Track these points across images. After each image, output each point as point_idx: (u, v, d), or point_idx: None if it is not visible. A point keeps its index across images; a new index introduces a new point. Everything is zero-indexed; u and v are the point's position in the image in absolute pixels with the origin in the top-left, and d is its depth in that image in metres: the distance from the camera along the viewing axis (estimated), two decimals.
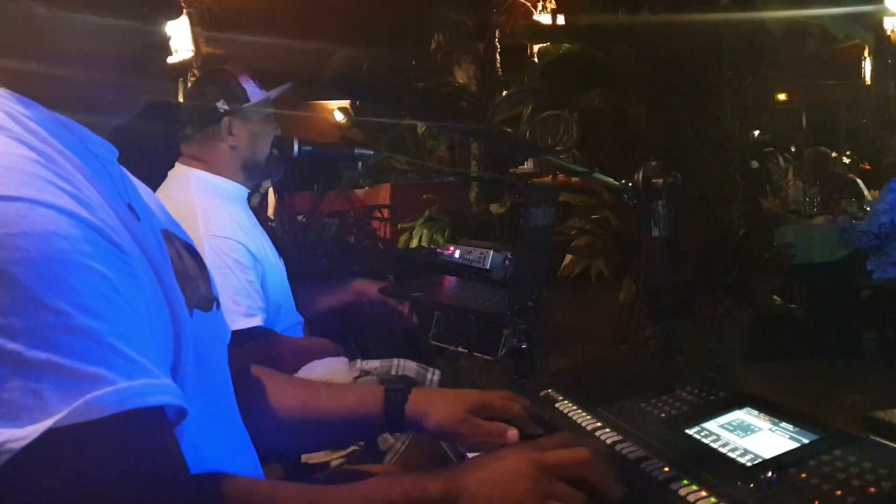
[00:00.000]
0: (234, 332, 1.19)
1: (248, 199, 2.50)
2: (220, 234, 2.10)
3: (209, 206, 2.15)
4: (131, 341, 0.76)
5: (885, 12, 8.28)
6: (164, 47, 0.96)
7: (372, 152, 2.35)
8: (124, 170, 1.04)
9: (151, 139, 2.22)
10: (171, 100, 2.28)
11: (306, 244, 4.07)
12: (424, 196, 6.33)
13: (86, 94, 0.92)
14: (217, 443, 0.98)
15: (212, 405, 0.98)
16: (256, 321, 2.12)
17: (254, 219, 2.36)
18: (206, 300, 1.03)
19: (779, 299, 5.04)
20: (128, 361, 0.74)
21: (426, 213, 6.04)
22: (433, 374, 2.24)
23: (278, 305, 2.29)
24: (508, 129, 1.43)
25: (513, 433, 1.26)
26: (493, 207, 6.08)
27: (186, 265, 1.02)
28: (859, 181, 7.67)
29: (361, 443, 1.92)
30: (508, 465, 0.94)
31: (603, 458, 1.01)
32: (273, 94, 2.35)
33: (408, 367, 2.26)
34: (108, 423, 0.71)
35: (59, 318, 0.71)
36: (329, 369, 2.15)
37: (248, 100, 2.28)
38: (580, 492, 0.95)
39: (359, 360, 2.32)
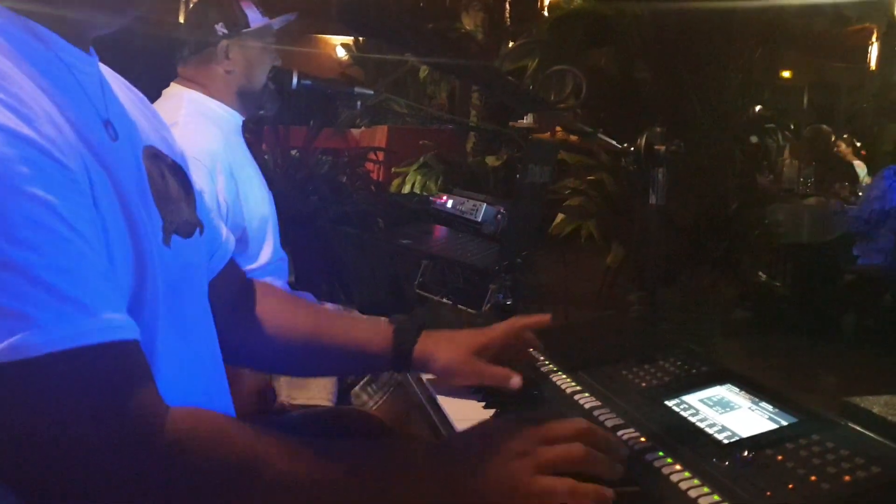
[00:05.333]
0: None
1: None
2: (187, 151, 2.04)
3: (190, 126, 2.09)
4: (70, 274, 0.72)
5: None
6: None
7: (372, 92, 2.29)
8: (108, 82, 0.98)
9: (149, 57, 2.17)
10: (170, 19, 2.21)
11: (297, 180, 4.02)
12: (421, 142, 6.28)
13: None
14: (183, 375, 0.94)
15: (181, 332, 0.95)
16: None
17: (243, 150, 2.30)
18: (188, 224, 0.98)
19: (764, 276, 5.07)
20: (60, 299, 0.70)
21: (421, 159, 6.00)
22: None
23: (259, 240, 2.25)
24: (514, 80, 1.39)
25: (516, 380, 1.26)
26: (489, 160, 6.05)
27: (169, 187, 0.97)
28: (859, 163, 7.65)
29: (330, 402, 1.91)
30: (502, 444, 0.90)
31: (600, 438, 0.96)
32: (275, 22, 2.29)
33: None
34: (32, 365, 0.68)
35: None
36: None
37: (248, 25, 2.22)
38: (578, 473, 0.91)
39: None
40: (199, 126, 2.13)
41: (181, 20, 2.25)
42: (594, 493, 0.89)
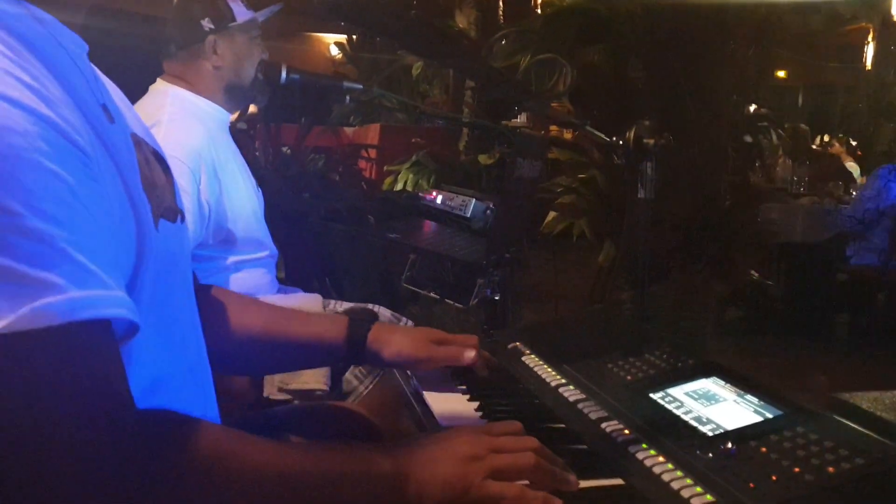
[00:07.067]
0: None
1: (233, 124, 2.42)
2: (171, 152, 2.03)
3: (173, 123, 2.08)
4: (86, 248, 0.72)
5: None
6: None
7: (361, 86, 2.27)
8: (95, 68, 0.98)
9: (135, 54, 2.15)
10: (156, 15, 2.20)
11: (289, 177, 4.01)
12: (413, 140, 6.28)
13: None
14: (169, 360, 0.94)
15: (168, 320, 0.95)
16: None
17: (228, 147, 2.29)
18: (171, 210, 0.99)
19: (757, 275, 5.07)
20: (81, 269, 0.71)
21: (413, 157, 5.99)
22: (405, 324, 2.21)
23: (246, 237, 2.24)
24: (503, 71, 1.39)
25: (469, 354, 1.25)
26: (482, 158, 6.03)
27: (154, 173, 0.97)
28: (852, 164, 7.66)
29: (325, 387, 1.90)
30: (458, 448, 0.93)
31: (550, 456, 0.97)
32: (260, 15, 2.27)
33: (381, 313, 2.23)
34: (55, 332, 0.68)
35: (11, 219, 0.67)
36: (301, 305, 2.11)
37: (234, 19, 2.21)
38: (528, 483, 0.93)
39: (332, 301, 2.28)
40: (182, 125, 2.10)
41: (167, 16, 2.22)
42: (542, 500, 0.90)
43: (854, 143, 9.34)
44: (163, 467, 0.77)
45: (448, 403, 1.32)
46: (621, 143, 1.67)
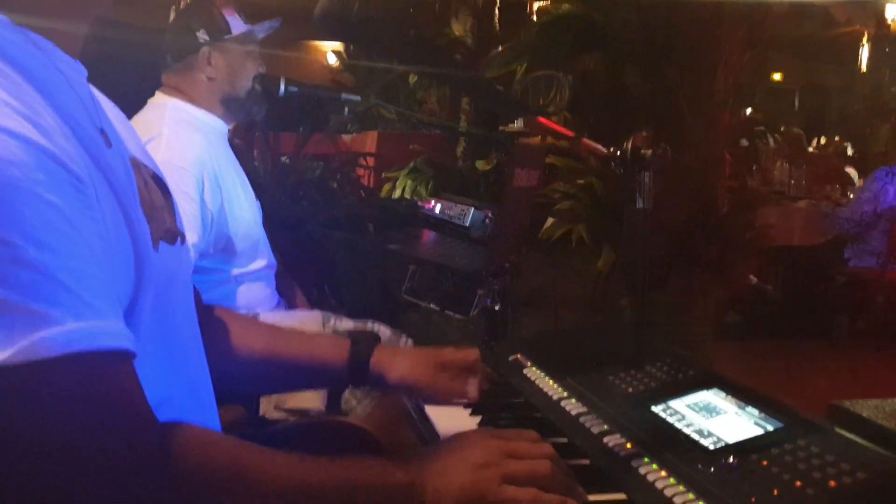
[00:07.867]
0: None
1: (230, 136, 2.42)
2: (175, 162, 2.05)
3: (175, 135, 2.10)
4: (82, 278, 0.72)
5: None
6: None
7: (359, 98, 2.29)
8: (95, 92, 0.99)
9: (135, 66, 2.16)
10: (155, 28, 2.21)
11: (288, 186, 4.01)
12: (411, 146, 6.28)
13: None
14: (171, 380, 0.95)
15: (169, 341, 0.95)
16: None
17: (228, 157, 2.29)
18: (171, 233, 0.99)
19: (755, 279, 5.08)
20: (77, 300, 0.71)
21: (411, 164, 6.00)
22: (406, 342, 2.21)
23: (246, 247, 2.24)
24: (499, 86, 1.39)
25: (473, 391, 1.26)
26: (480, 164, 6.03)
27: (153, 196, 0.97)
28: (851, 169, 7.68)
29: (322, 406, 1.90)
30: (472, 455, 0.94)
31: (562, 463, 0.98)
32: (259, 30, 2.29)
33: (381, 331, 2.23)
34: (54, 364, 0.68)
35: (7, 250, 0.68)
36: (301, 322, 2.11)
37: (229, 32, 2.22)
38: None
39: (332, 318, 2.28)
40: (183, 135, 2.12)
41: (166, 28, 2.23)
42: (559, 502, 0.92)
43: (851, 151, 9.35)
44: (180, 479, 0.78)
45: (450, 418, 1.32)
46: (619, 153, 1.68)
